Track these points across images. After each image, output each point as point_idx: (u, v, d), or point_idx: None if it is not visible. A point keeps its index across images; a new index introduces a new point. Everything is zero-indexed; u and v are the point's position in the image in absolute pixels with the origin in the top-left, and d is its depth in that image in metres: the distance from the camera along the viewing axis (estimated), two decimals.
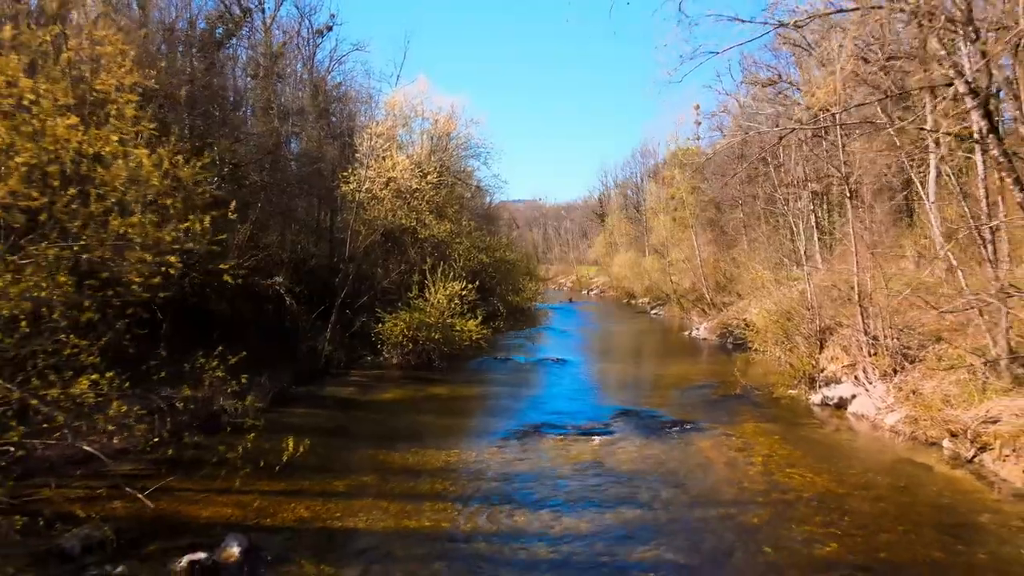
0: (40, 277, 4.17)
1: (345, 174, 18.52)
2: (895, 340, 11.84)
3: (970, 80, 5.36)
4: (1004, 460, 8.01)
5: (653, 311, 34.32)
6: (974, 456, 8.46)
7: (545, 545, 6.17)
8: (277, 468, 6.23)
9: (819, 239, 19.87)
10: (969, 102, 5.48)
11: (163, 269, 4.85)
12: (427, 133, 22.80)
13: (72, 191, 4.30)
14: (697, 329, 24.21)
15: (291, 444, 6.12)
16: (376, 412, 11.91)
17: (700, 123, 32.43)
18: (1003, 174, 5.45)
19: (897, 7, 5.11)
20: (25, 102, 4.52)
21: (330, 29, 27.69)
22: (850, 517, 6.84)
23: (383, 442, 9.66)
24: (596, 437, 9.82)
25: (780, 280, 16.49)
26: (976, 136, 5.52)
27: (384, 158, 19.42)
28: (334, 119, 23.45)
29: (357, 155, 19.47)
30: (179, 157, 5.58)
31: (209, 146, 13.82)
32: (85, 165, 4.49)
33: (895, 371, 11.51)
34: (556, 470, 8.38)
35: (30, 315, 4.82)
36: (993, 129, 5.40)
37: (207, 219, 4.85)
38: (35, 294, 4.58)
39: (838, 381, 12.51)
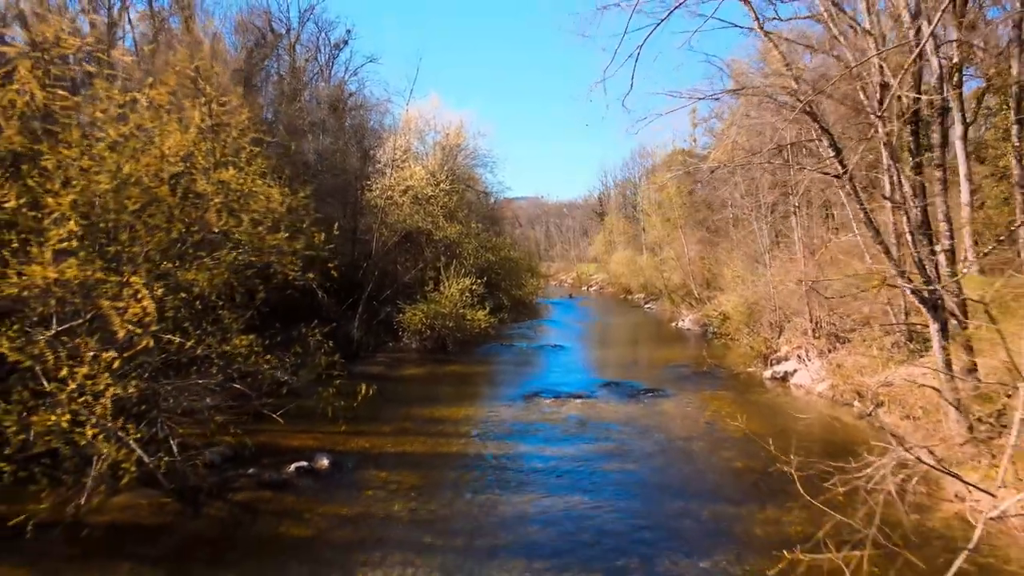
0: (222, 274, 6.69)
1: (368, 182, 21.06)
2: (832, 325, 14.38)
3: (832, 136, 7.89)
4: (890, 412, 10.53)
5: (647, 306, 36.76)
6: (872, 411, 10.98)
7: (539, 462, 8.75)
8: (355, 405, 8.75)
9: (800, 239, 22.36)
10: (832, 152, 8.01)
11: (294, 269, 7.43)
12: (439, 144, 25.34)
13: (246, 218, 6.85)
14: (683, 321, 26.71)
15: (363, 388, 8.68)
16: (404, 383, 14.49)
17: (696, 125, 34.88)
18: (855, 201, 7.96)
19: (766, 94, 7.58)
20: (202, 162, 7.03)
21: (346, 43, 30.11)
22: (764, 448, 9.36)
23: (414, 403, 12.24)
24: (583, 399, 12.37)
25: (747, 278, 18.97)
26: (836, 174, 8.00)
27: (402, 168, 21.97)
28: (349, 124, 25.89)
29: (379, 165, 21.98)
30: (286, 189, 8.14)
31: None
32: (242, 200, 7.01)
33: (829, 350, 14.06)
34: (550, 420, 10.96)
35: (198, 297, 7.40)
36: (846, 171, 7.93)
37: (322, 234, 7.38)
38: (205, 286, 7.14)
39: (787, 359, 15.06)
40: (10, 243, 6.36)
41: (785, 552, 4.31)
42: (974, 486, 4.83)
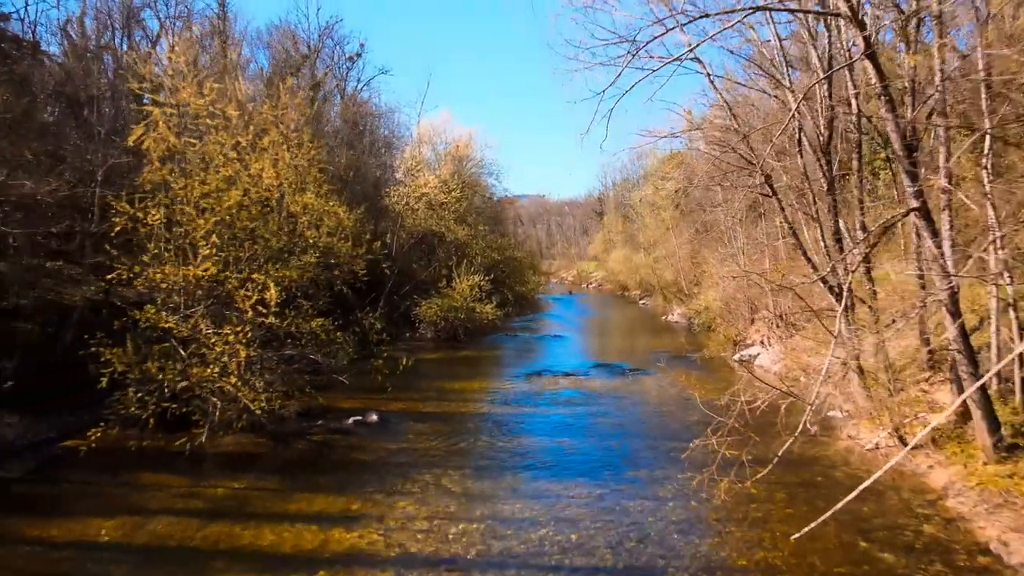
0: (309, 272, 9.15)
1: (387, 190, 23.53)
2: (794, 316, 16.83)
3: (759, 166, 10.34)
4: (825, 383, 12.97)
5: (641, 301, 39.19)
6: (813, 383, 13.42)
7: (539, 418, 11.25)
8: (397, 373, 11.23)
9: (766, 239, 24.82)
10: (762, 181, 10.46)
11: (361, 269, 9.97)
12: (450, 155, 27.77)
13: (324, 230, 9.28)
14: (672, 315, 29.16)
15: (405, 360, 11.17)
16: (424, 365, 16.96)
17: (691, 129, 37.21)
18: (786, 222, 10.42)
19: (705, 140, 10.00)
20: (288, 187, 9.48)
21: (359, 56, 32.40)
22: (717, 409, 11.85)
23: (435, 379, 14.75)
24: (577, 377, 14.85)
25: (723, 274, 21.39)
26: (767, 194, 10.44)
27: (416, 176, 24.44)
28: (367, 136, 28.27)
29: (396, 175, 24.43)
30: (344, 207, 10.63)
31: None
32: (319, 217, 9.46)
33: (789, 337, 16.50)
34: (548, 390, 13.45)
35: (284, 289, 9.88)
36: (775, 195, 10.38)
37: (378, 243, 9.79)
38: (293, 279, 9.62)
39: (752, 345, 17.51)
40: (151, 250, 8.87)
41: (692, 444, 6.79)
42: (794, 395, 7.42)
